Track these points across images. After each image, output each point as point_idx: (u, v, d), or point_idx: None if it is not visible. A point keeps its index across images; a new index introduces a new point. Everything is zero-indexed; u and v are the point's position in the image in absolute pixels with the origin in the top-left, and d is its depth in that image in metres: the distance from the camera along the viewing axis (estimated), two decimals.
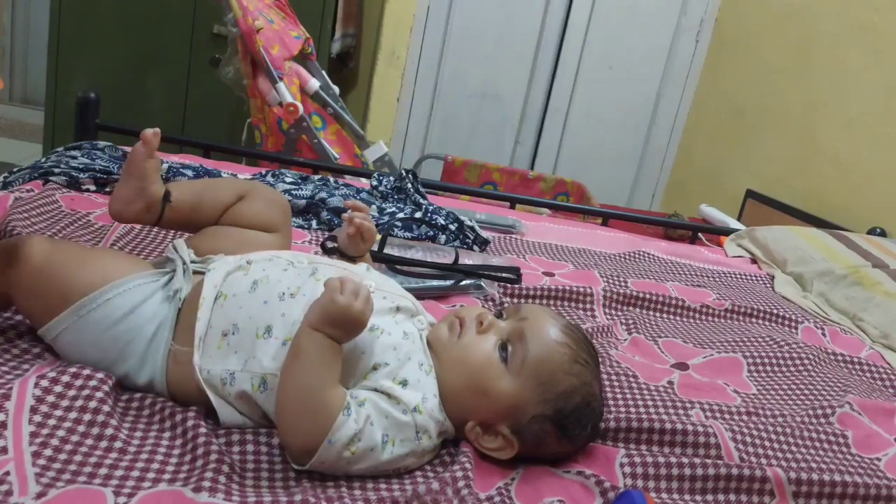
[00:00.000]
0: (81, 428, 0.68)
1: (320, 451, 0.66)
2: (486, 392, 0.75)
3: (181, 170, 1.44)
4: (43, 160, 1.40)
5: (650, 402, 0.91)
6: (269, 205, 0.94)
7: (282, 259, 0.83)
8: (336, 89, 2.25)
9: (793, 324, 1.31)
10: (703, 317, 1.30)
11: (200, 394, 0.74)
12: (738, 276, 1.60)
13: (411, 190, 1.60)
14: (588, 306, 1.24)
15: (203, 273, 0.81)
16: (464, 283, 1.20)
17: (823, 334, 1.30)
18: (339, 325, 0.69)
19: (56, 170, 1.32)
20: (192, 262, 0.83)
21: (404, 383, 0.72)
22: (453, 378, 0.76)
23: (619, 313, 1.24)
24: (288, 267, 0.81)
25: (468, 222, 1.46)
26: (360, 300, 0.69)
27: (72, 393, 0.70)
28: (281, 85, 2.04)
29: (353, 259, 0.97)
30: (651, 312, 1.28)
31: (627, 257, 1.58)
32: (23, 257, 0.75)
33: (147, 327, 0.76)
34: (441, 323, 0.82)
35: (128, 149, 1.55)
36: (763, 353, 1.12)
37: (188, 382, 0.74)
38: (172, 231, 1.16)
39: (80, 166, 1.35)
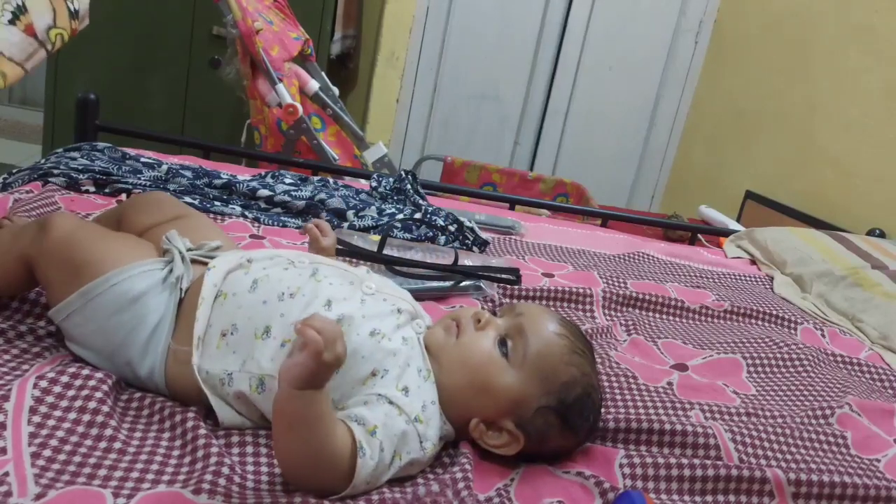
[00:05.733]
0: (81, 428, 0.68)
1: (344, 495, 0.65)
2: (490, 388, 0.75)
3: (181, 171, 1.44)
4: (42, 161, 1.40)
5: (649, 403, 0.91)
6: (148, 205, 0.96)
7: (283, 258, 0.83)
8: (335, 90, 2.25)
9: (792, 325, 1.31)
10: (703, 318, 1.30)
11: (199, 393, 0.74)
12: (738, 277, 1.60)
13: (411, 191, 1.60)
14: (587, 307, 1.24)
15: (204, 262, 0.82)
16: (463, 284, 1.20)
17: (823, 335, 1.30)
18: (326, 377, 0.63)
19: (55, 171, 1.32)
20: (189, 250, 0.83)
21: (406, 390, 0.72)
22: (455, 378, 0.76)
23: (619, 314, 1.24)
24: (289, 266, 0.81)
25: (468, 223, 1.46)
26: (340, 346, 0.62)
27: (71, 393, 0.70)
28: (280, 86, 2.04)
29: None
30: (650, 313, 1.28)
31: (627, 258, 1.58)
32: (49, 227, 0.77)
33: (150, 318, 0.76)
34: (437, 325, 0.82)
35: (128, 150, 1.55)
36: (762, 354, 1.12)
37: (187, 381, 0.74)
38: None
39: (80, 167, 1.35)
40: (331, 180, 1.65)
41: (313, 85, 2.14)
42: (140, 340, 0.75)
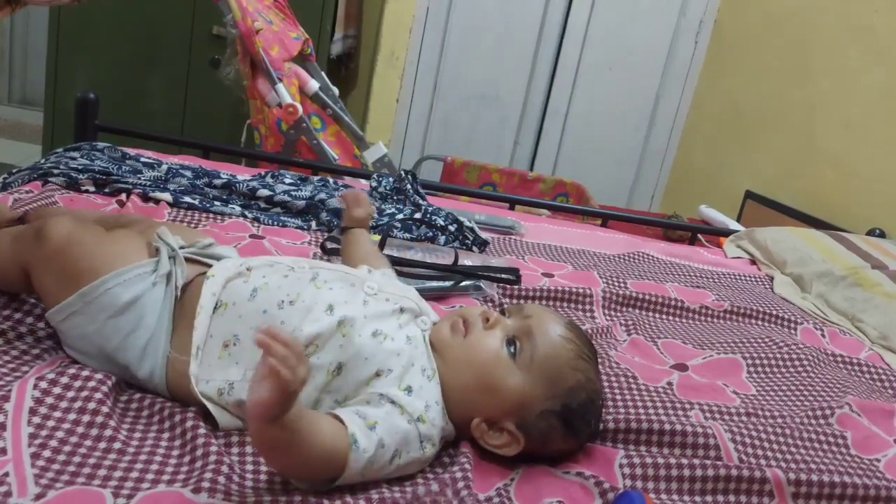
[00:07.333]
0: (80, 429, 0.68)
1: (338, 484, 0.66)
2: (495, 388, 0.75)
3: (180, 170, 1.44)
4: (42, 161, 1.40)
5: (649, 403, 0.91)
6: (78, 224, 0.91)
7: (282, 265, 0.82)
8: (335, 90, 2.25)
9: (792, 325, 1.31)
10: (703, 318, 1.30)
11: (198, 398, 0.73)
12: (738, 277, 1.60)
13: (410, 191, 1.60)
14: (587, 307, 1.24)
15: (198, 260, 0.83)
16: (463, 284, 1.19)
17: (823, 335, 1.30)
18: (294, 401, 0.59)
19: (55, 171, 1.32)
20: (182, 247, 0.83)
21: (409, 390, 0.72)
22: (460, 376, 0.76)
23: (619, 314, 1.24)
24: (289, 272, 0.80)
25: (467, 223, 1.46)
26: (302, 370, 0.58)
27: (71, 394, 0.70)
28: (280, 86, 2.04)
29: (346, 230, 0.99)
30: (650, 313, 1.28)
31: (627, 258, 1.58)
32: (45, 235, 0.76)
33: (147, 320, 0.76)
34: (444, 322, 0.82)
35: (128, 149, 1.55)
36: (762, 354, 1.12)
37: (187, 388, 0.74)
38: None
39: (80, 167, 1.35)
40: (331, 180, 1.64)
41: (313, 85, 2.14)
42: (138, 345, 0.75)
